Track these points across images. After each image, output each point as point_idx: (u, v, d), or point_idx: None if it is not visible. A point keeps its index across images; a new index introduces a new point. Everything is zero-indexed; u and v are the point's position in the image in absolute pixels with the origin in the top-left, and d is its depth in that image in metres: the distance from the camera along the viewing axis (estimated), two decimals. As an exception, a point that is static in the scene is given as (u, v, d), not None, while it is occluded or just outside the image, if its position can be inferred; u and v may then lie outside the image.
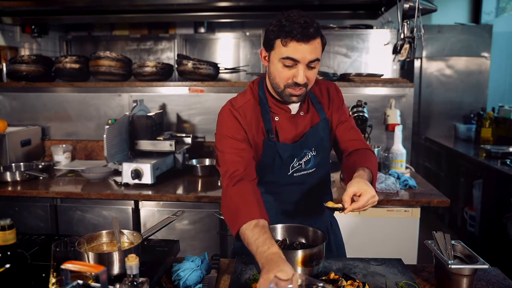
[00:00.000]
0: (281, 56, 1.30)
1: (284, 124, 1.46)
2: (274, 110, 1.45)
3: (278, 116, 1.45)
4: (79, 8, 3.63)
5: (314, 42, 1.29)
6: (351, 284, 1.18)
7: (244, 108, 1.44)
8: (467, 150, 3.94)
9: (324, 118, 1.49)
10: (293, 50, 1.28)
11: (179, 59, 2.96)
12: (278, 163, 1.45)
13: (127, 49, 5.06)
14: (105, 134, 2.40)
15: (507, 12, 4.93)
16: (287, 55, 1.29)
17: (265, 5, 3.47)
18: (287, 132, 1.45)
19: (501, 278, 1.33)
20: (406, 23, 2.77)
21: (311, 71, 1.33)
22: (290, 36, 1.27)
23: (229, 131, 1.40)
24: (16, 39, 4.21)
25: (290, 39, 1.27)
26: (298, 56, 1.28)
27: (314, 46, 1.29)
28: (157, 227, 1.39)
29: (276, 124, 1.45)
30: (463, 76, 4.63)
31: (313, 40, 1.28)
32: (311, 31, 1.27)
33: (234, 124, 1.41)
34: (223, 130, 1.42)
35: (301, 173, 1.49)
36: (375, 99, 2.93)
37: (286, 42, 1.28)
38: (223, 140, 1.40)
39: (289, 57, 1.29)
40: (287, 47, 1.28)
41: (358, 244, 2.27)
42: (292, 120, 1.46)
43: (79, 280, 0.93)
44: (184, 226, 2.40)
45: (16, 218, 2.06)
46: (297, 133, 1.46)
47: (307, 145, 1.46)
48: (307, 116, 1.48)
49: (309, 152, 1.47)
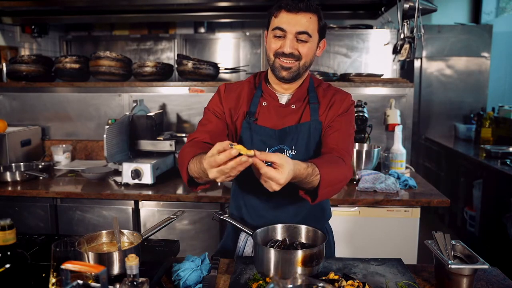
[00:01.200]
0: (273, 27, 1.36)
1: (268, 110, 1.45)
2: (265, 96, 1.47)
3: (266, 102, 1.46)
4: (79, 8, 3.63)
5: (305, 15, 1.33)
6: (351, 284, 1.18)
7: (232, 88, 1.51)
8: (467, 150, 3.94)
9: (316, 120, 1.43)
10: (282, 20, 1.34)
11: (179, 59, 2.96)
12: (254, 146, 1.40)
13: (127, 49, 5.06)
14: (105, 134, 2.40)
15: (507, 12, 4.93)
16: (277, 25, 1.35)
17: (265, 5, 3.46)
18: (266, 119, 1.44)
19: (501, 278, 1.33)
20: (406, 23, 2.77)
21: (303, 45, 1.35)
22: (280, 7, 1.34)
23: (210, 105, 1.52)
24: (16, 39, 4.21)
25: (280, 9, 1.34)
26: (286, 26, 1.33)
27: (304, 18, 1.33)
28: (157, 227, 1.39)
29: (261, 108, 1.46)
30: (463, 76, 4.63)
31: (303, 12, 1.33)
32: (301, 5, 1.32)
33: (215, 99, 1.51)
34: (208, 104, 1.54)
35: None
36: (375, 99, 2.93)
37: (277, 14, 1.35)
38: (205, 114, 1.53)
39: (278, 27, 1.34)
40: (277, 17, 1.35)
41: (358, 244, 2.27)
42: (278, 109, 1.45)
43: (79, 280, 0.93)
44: (184, 226, 2.40)
45: (16, 218, 2.06)
46: (278, 122, 1.43)
47: (285, 140, 1.41)
48: (298, 111, 1.44)
49: (287, 149, 1.41)
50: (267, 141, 1.42)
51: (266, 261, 1.23)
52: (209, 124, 1.47)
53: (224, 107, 1.48)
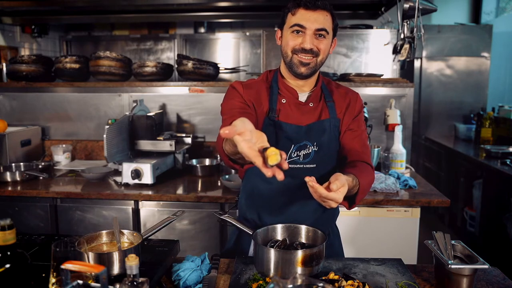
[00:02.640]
0: (290, 25, 1.38)
1: (290, 107, 1.46)
2: (283, 93, 1.47)
3: (286, 99, 1.47)
4: (79, 8, 3.63)
5: (322, 13, 1.37)
6: (351, 284, 1.18)
7: (249, 85, 1.48)
8: (467, 150, 3.94)
9: (334, 117, 1.48)
10: (300, 17, 1.36)
11: (179, 59, 2.96)
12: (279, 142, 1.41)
13: (127, 49, 5.06)
14: (105, 134, 2.40)
15: (507, 12, 4.93)
16: (296, 22, 1.37)
17: (265, 5, 3.47)
18: (290, 116, 1.45)
19: (501, 278, 1.33)
20: (406, 23, 2.77)
21: (321, 42, 1.38)
22: (298, 5, 1.37)
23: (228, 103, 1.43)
24: (16, 39, 4.21)
25: (298, 7, 1.37)
26: (305, 22, 1.36)
27: (322, 16, 1.37)
28: (157, 227, 1.39)
29: (281, 106, 1.46)
30: (463, 76, 4.63)
31: (320, 10, 1.36)
32: (319, 2, 1.36)
33: (233, 95, 1.45)
34: (225, 103, 1.45)
35: (297, 165, 1.43)
36: (375, 99, 2.93)
37: (294, 11, 1.38)
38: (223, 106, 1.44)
39: (297, 24, 1.37)
40: (295, 15, 1.37)
41: (358, 244, 2.27)
42: (298, 107, 1.46)
43: (79, 280, 0.93)
44: (184, 226, 2.40)
45: (16, 218, 2.07)
46: (301, 120, 1.45)
47: (309, 136, 1.43)
48: (317, 108, 1.47)
49: (310, 145, 1.44)
50: (293, 138, 1.43)
51: (266, 261, 1.23)
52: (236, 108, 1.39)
53: (247, 101, 1.44)
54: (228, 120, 1.24)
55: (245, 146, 0.91)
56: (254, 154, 0.91)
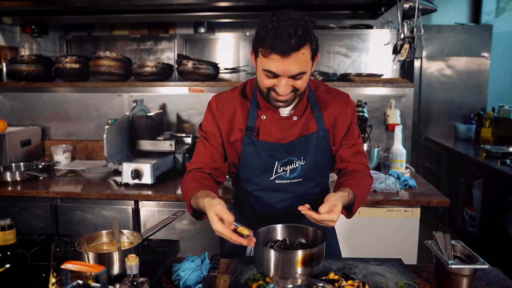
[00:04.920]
0: (263, 67, 1.25)
1: (270, 124, 1.41)
2: (263, 108, 1.41)
3: (266, 115, 1.41)
4: (79, 8, 3.63)
5: (298, 54, 1.20)
6: (351, 284, 1.18)
7: (225, 103, 1.45)
8: (467, 150, 3.94)
9: (322, 129, 1.42)
10: (273, 63, 1.22)
11: (179, 59, 2.96)
12: (259, 164, 1.42)
13: (127, 49, 5.06)
14: (105, 134, 2.40)
15: (507, 12, 4.93)
16: (268, 68, 1.24)
17: (265, 5, 3.46)
18: (270, 133, 1.40)
19: (501, 278, 1.33)
20: (406, 23, 2.77)
21: (299, 81, 1.27)
22: (270, 49, 1.20)
23: (205, 126, 1.49)
24: (16, 39, 4.21)
25: (269, 51, 1.20)
26: (278, 70, 1.23)
27: (297, 59, 1.21)
28: (157, 227, 1.39)
29: (261, 122, 1.41)
30: (463, 76, 4.63)
31: (295, 52, 1.19)
32: (293, 42, 1.17)
33: (208, 118, 1.48)
34: (202, 123, 1.51)
35: (284, 181, 1.44)
36: (375, 99, 2.93)
37: (266, 54, 1.22)
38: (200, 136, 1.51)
39: (270, 70, 1.24)
40: (268, 58, 1.22)
41: (358, 244, 2.27)
42: (279, 122, 1.41)
43: (79, 280, 0.93)
44: (184, 226, 2.40)
45: (16, 218, 2.07)
46: (282, 136, 1.40)
47: (293, 152, 1.41)
48: (300, 121, 1.41)
49: (296, 160, 1.41)
50: (275, 155, 1.41)
51: (266, 261, 1.23)
52: (205, 150, 1.46)
53: (220, 126, 1.44)
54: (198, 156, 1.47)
55: (220, 227, 1.15)
56: (227, 232, 1.14)
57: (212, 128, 1.46)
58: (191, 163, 1.48)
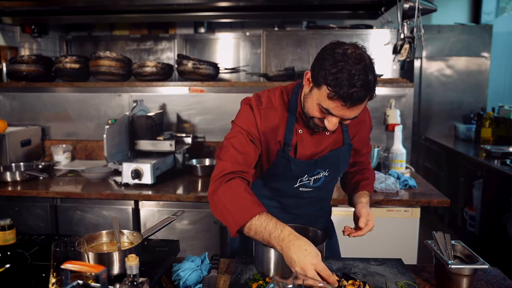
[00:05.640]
0: (320, 103, 1.20)
1: (306, 139, 1.39)
2: (300, 122, 1.38)
3: (302, 130, 1.39)
4: (79, 8, 3.63)
5: (362, 104, 1.19)
6: (352, 283, 1.18)
7: (268, 111, 1.36)
8: (467, 150, 3.94)
9: (348, 143, 1.46)
10: (334, 107, 1.18)
11: (179, 59, 2.96)
12: (288, 175, 1.43)
13: (127, 49, 5.06)
14: (105, 134, 2.40)
15: (507, 12, 4.93)
16: (327, 107, 1.20)
17: (265, 5, 3.47)
18: (306, 149, 1.40)
19: (501, 278, 1.33)
20: (406, 23, 2.77)
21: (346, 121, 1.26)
22: (338, 96, 1.15)
23: (244, 124, 1.35)
24: (16, 39, 4.21)
25: (337, 98, 1.15)
26: (337, 114, 1.20)
27: (359, 107, 1.19)
28: (157, 227, 1.39)
29: (298, 137, 1.39)
30: (463, 76, 4.63)
31: (361, 104, 1.18)
32: (363, 95, 1.15)
33: (250, 119, 1.35)
34: (240, 122, 1.36)
35: (307, 189, 1.47)
36: (375, 99, 2.89)
37: (331, 97, 1.16)
38: (237, 133, 1.35)
39: (328, 110, 1.20)
40: (331, 101, 1.17)
41: (358, 244, 2.27)
42: (315, 137, 1.40)
43: (79, 280, 0.93)
44: (184, 226, 2.40)
45: (16, 218, 2.06)
46: (316, 151, 1.41)
47: (322, 165, 1.43)
48: (332, 136, 1.42)
49: (322, 172, 1.45)
50: (307, 170, 1.43)
51: (266, 261, 1.23)
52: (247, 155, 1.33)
53: (260, 133, 1.36)
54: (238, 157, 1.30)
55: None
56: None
57: (254, 130, 1.36)
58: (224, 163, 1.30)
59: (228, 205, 1.21)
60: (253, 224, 1.16)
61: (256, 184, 1.52)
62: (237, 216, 1.19)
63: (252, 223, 1.17)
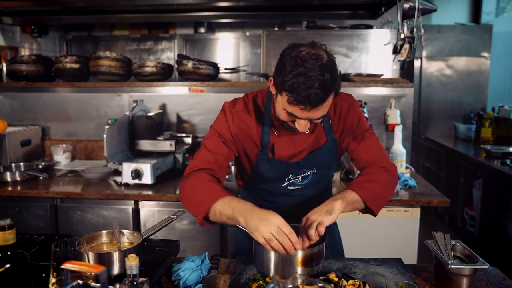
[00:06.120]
0: (285, 108, 1.22)
1: (284, 140, 1.41)
2: (276, 124, 1.39)
3: (279, 131, 1.40)
4: (79, 8, 3.63)
5: (324, 104, 1.19)
6: (352, 284, 1.18)
7: (241, 114, 1.41)
8: (467, 150, 3.94)
9: (331, 139, 1.44)
10: (297, 111, 1.20)
11: (179, 59, 2.96)
12: (272, 176, 1.45)
13: (127, 49, 5.07)
14: (105, 134, 2.40)
15: (507, 12, 4.93)
16: (291, 112, 1.21)
17: (265, 5, 3.47)
18: (284, 149, 1.41)
19: (501, 278, 1.33)
20: (406, 23, 2.77)
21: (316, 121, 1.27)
22: (296, 101, 1.16)
23: (217, 127, 1.42)
24: (16, 39, 4.21)
25: (296, 103, 1.17)
26: (302, 116, 1.21)
27: (322, 107, 1.19)
28: (157, 227, 1.39)
29: (275, 138, 1.41)
30: (463, 76, 4.63)
31: (322, 104, 1.18)
32: (321, 96, 1.15)
33: (223, 122, 1.42)
34: (215, 125, 1.44)
35: (296, 187, 1.47)
36: (375, 99, 2.93)
37: (291, 102, 1.18)
38: (211, 135, 1.43)
39: (292, 114, 1.22)
40: (292, 106, 1.19)
41: (358, 244, 2.27)
42: (293, 138, 1.41)
43: (79, 280, 0.93)
44: (184, 226, 2.40)
45: (16, 218, 2.06)
46: (296, 152, 1.42)
47: (306, 165, 1.43)
48: (312, 135, 1.42)
49: (309, 171, 1.45)
50: (289, 170, 1.43)
51: (266, 261, 1.23)
52: (218, 154, 1.39)
53: (233, 135, 1.41)
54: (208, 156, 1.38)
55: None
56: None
57: (227, 132, 1.41)
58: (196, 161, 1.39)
59: (193, 195, 1.29)
60: (217, 207, 1.22)
61: (247, 187, 1.58)
62: (201, 203, 1.25)
63: (215, 207, 1.22)
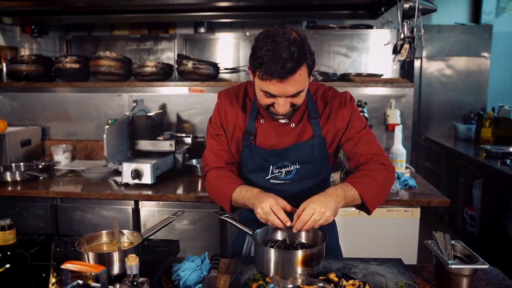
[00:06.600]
0: (261, 88, 1.27)
1: (268, 129, 1.44)
2: (263, 112, 1.43)
3: (264, 119, 1.44)
4: (79, 8, 3.63)
5: (294, 76, 1.22)
6: (352, 284, 1.18)
7: (232, 98, 1.49)
8: (467, 150, 3.94)
9: (318, 136, 1.42)
10: (271, 86, 1.24)
11: (179, 59, 2.96)
12: (255, 166, 1.47)
13: (127, 49, 5.06)
14: (105, 134, 2.40)
15: (507, 12, 4.93)
16: (266, 90, 1.26)
17: (265, 5, 3.46)
18: (266, 138, 1.44)
19: (501, 278, 1.33)
20: (406, 23, 2.77)
21: (296, 98, 1.29)
22: (266, 74, 1.21)
23: (212, 118, 1.53)
24: (16, 39, 4.20)
25: (267, 76, 1.22)
26: (277, 92, 1.25)
27: (294, 81, 1.23)
28: (157, 227, 1.39)
29: (259, 126, 1.44)
30: (463, 76, 4.63)
31: (292, 75, 1.21)
32: (289, 66, 1.19)
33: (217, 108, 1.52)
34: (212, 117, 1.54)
35: (279, 181, 1.46)
36: (375, 99, 2.93)
37: (263, 78, 1.23)
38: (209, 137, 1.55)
39: (268, 92, 1.26)
40: (265, 82, 1.24)
41: (358, 244, 2.27)
42: (277, 128, 1.43)
43: (79, 280, 0.93)
44: (184, 226, 2.40)
45: (16, 218, 2.06)
46: (278, 142, 1.43)
47: (287, 158, 1.43)
48: (297, 128, 1.43)
49: (291, 165, 1.44)
50: (269, 160, 1.44)
51: (266, 261, 1.23)
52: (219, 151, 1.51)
53: (222, 119, 1.49)
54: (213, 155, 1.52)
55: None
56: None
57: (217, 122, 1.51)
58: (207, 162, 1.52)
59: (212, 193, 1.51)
60: (233, 198, 1.40)
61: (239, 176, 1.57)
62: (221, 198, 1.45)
63: (232, 199, 1.41)
